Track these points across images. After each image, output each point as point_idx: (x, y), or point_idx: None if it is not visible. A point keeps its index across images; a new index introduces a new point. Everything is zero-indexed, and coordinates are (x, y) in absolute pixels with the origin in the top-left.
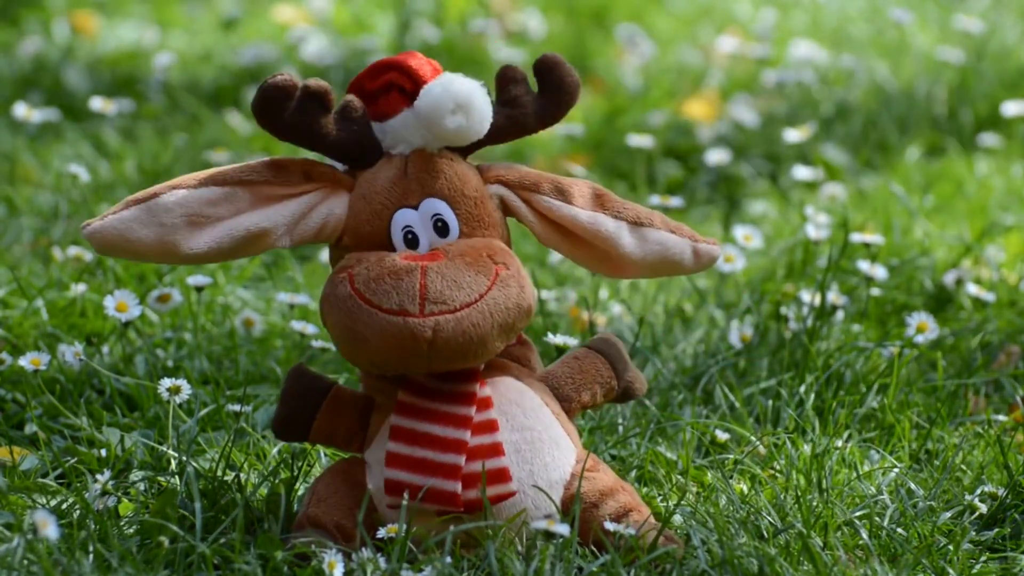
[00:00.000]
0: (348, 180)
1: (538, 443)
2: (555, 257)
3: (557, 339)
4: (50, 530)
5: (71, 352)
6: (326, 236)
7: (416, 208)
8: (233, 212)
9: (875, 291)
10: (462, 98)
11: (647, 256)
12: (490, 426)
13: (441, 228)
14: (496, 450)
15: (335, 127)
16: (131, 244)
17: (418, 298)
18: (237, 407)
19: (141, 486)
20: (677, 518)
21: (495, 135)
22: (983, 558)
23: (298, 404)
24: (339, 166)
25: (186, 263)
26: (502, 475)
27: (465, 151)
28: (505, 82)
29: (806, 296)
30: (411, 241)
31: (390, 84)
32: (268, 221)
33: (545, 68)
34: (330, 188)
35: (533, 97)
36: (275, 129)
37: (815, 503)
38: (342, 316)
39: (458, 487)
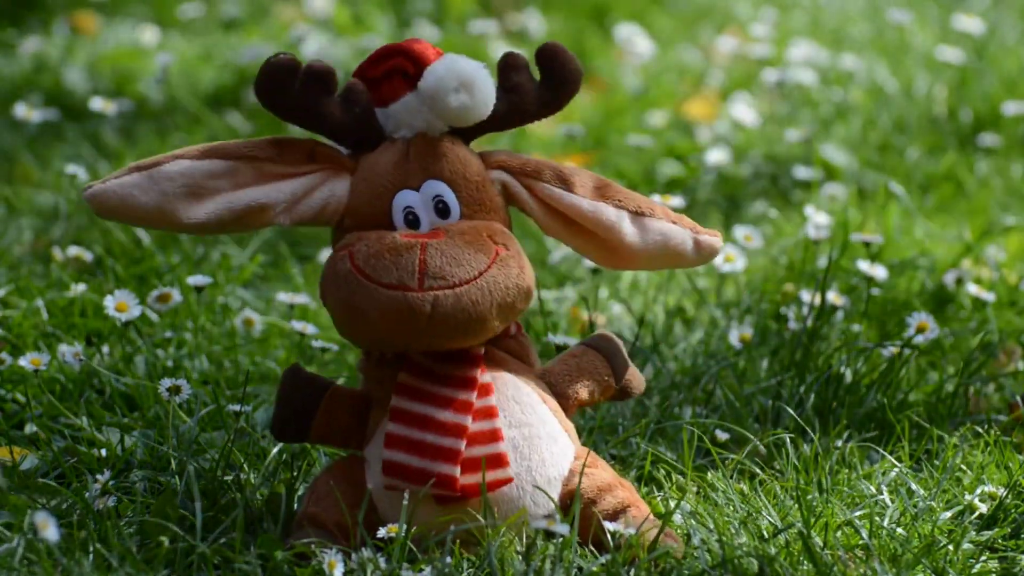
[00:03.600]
0: (350, 163)
1: (536, 439)
2: (555, 256)
3: (557, 339)
4: (50, 532)
5: (71, 352)
6: (327, 217)
7: (418, 189)
8: (234, 186)
9: (875, 291)
10: (466, 77)
11: (648, 246)
12: (490, 412)
13: (442, 210)
14: (495, 436)
15: (339, 110)
16: (130, 209)
17: (417, 273)
18: (237, 407)
19: (141, 486)
20: (677, 518)
21: (496, 121)
22: (983, 558)
23: (295, 405)
24: (342, 149)
25: (183, 232)
26: (500, 460)
27: (467, 137)
28: (507, 69)
29: (806, 296)
30: (412, 222)
31: (393, 69)
32: (268, 197)
33: (547, 56)
34: (333, 170)
35: (535, 84)
36: (278, 108)
37: (815, 503)
38: (342, 292)
39: (456, 471)
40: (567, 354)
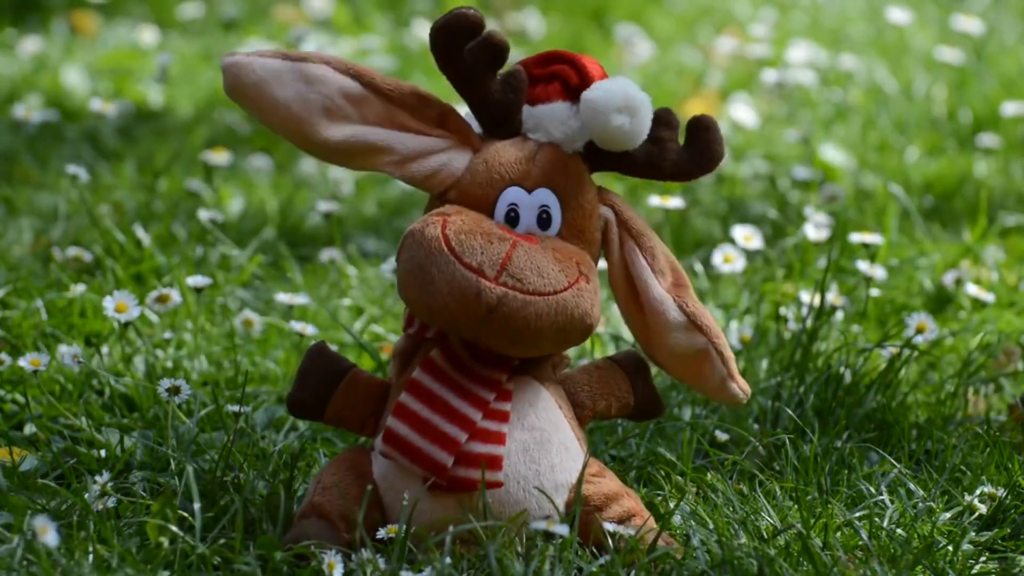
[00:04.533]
0: (477, 141)
1: (547, 444)
2: None
3: None
4: (49, 536)
5: (70, 353)
6: (434, 184)
7: (529, 192)
8: (361, 118)
9: (874, 291)
10: (632, 100)
11: (685, 356)
12: (502, 416)
13: (545, 220)
14: (499, 439)
15: (497, 87)
16: (263, 97)
17: (499, 266)
18: (236, 408)
19: (141, 487)
20: (677, 519)
21: (628, 165)
22: (982, 558)
23: (315, 383)
24: (475, 125)
25: (313, 148)
26: (495, 462)
27: (592, 167)
28: (659, 122)
29: (805, 296)
30: (512, 219)
31: (555, 75)
32: (389, 142)
33: (699, 128)
34: (458, 141)
35: (678, 148)
36: (445, 59)
37: (815, 503)
38: (421, 254)
39: (449, 461)
40: (591, 365)
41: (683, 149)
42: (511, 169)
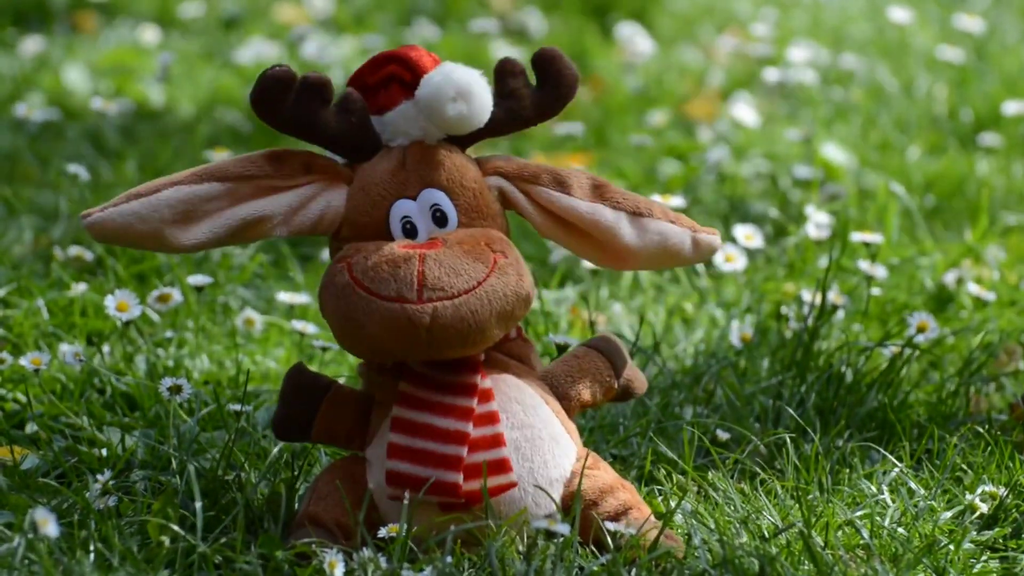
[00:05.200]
0: (347, 172)
1: (538, 441)
2: (555, 256)
3: (558, 339)
4: (50, 528)
5: (72, 352)
6: (324, 227)
7: (415, 199)
8: (231, 203)
9: (876, 290)
10: (463, 86)
11: (647, 246)
12: (491, 418)
13: (440, 218)
14: (497, 441)
15: (334, 119)
16: (129, 236)
17: (416, 285)
18: (238, 407)
19: (142, 486)
20: (678, 517)
21: (493, 127)
22: (984, 557)
23: (297, 404)
24: (338, 159)
25: (182, 252)
26: (503, 465)
27: (464, 144)
28: (503, 75)
29: (807, 295)
30: (409, 231)
31: (390, 77)
32: (265, 210)
33: (543, 61)
34: (329, 180)
35: (531, 90)
36: (274, 121)
37: (816, 502)
38: (340, 304)
39: (459, 478)
40: (568, 355)
41: (537, 90)
42: (388, 185)
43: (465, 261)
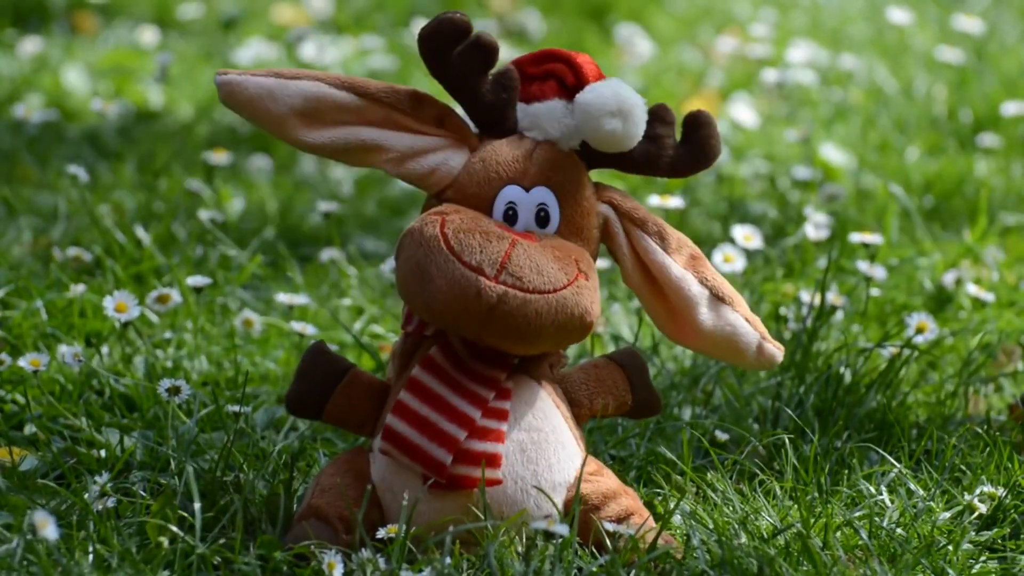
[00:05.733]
0: (474, 140)
1: (544, 444)
2: None
3: None
4: (49, 530)
5: (70, 353)
6: (432, 182)
7: (527, 190)
8: (359, 121)
9: (874, 291)
10: (626, 105)
11: (715, 332)
12: (500, 414)
13: (543, 218)
14: (497, 437)
15: (488, 88)
16: (257, 110)
17: (498, 264)
18: (236, 408)
19: (140, 487)
20: (677, 518)
21: (625, 163)
22: (982, 558)
23: (314, 381)
24: (471, 125)
25: (297, 147)
26: (494, 460)
27: (590, 164)
28: (655, 118)
29: (806, 296)
30: (510, 217)
31: (550, 73)
32: (387, 141)
33: (696, 124)
34: (456, 140)
35: (675, 144)
36: (435, 64)
37: (815, 503)
38: (420, 253)
39: (448, 458)
40: (589, 364)
41: (680, 145)
42: (508, 168)
43: (551, 264)
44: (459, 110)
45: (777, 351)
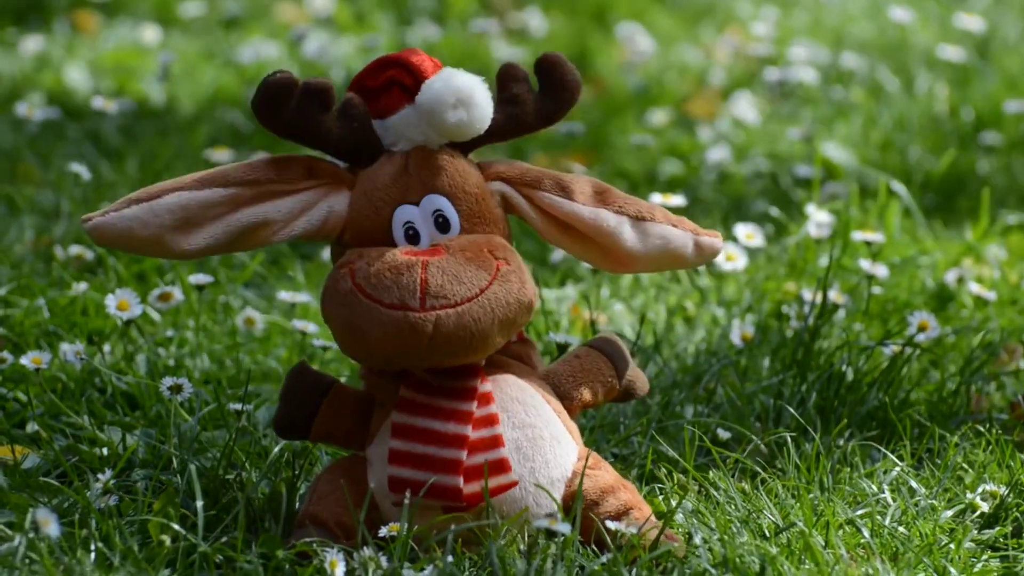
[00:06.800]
0: (349, 177)
1: (539, 440)
2: (556, 255)
3: (559, 338)
4: (51, 528)
5: (72, 351)
6: (327, 232)
7: (417, 204)
8: (232, 209)
9: (876, 289)
10: (463, 93)
11: (649, 250)
12: (490, 420)
13: (442, 224)
14: (496, 442)
15: (336, 125)
16: (130, 241)
17: (419, 292)
18: (238, 406)
19: (143, 485)
20: (679, 517)
21: (496, 133)
22: (984, 556)
23: (299, 403)
24: (340, 163)
25: (183, 259)
26: (502, 465)
27: (466, 148)
28: (506, 80)
29: (807, 294)
30: (412, 237)
31: (391, 81)
32: (267, 215)
33: (546, 67)
34: (331, 185)
35: (534, 95)
36: (276, 127)
37: (816, 502)
38: (343, 311)
39: (460, 481)
40: (570, 355)
41: (540, 95)
42: (391, 190)
43: (468, 268)
44: (323, 155)
45: (714, 239)
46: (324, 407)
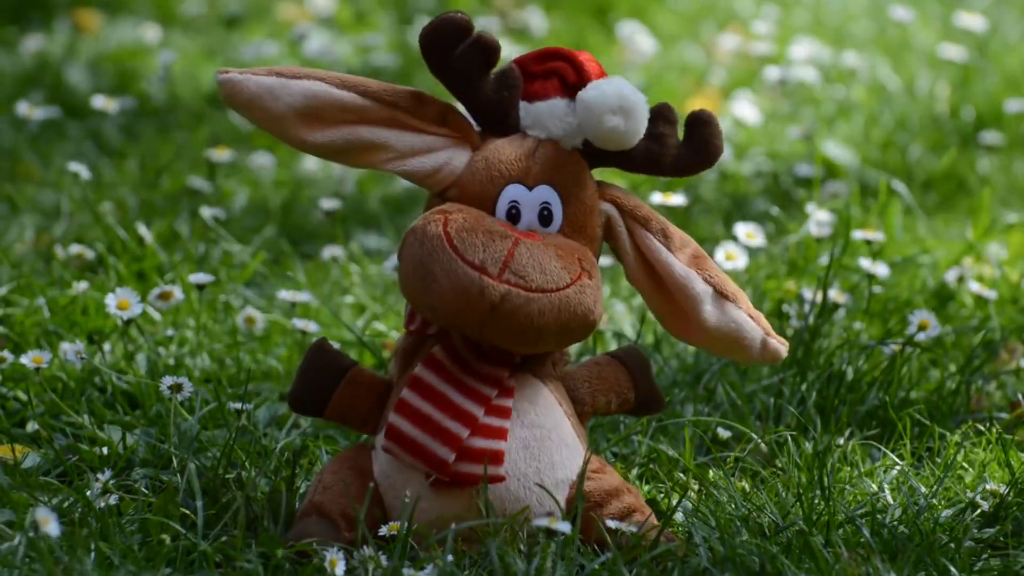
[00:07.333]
0: (477, 138)
1: (547, 441)
2: None
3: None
4: (51, 527)
5: (73, 350)
6: (434, 181)
7: (530, 189)
8: (361, 120)
9: (877, 288)
10: (628, 102)
11: (720, 329)
12: (503, 412)
13: (546, 217)
14: (500, 434)
15: (491, 87)
16: (257, 108)
17: (501, 263)
18: (239, 405)
19: (143, 484)
20: (679, 516)
21: (627, 162)
22: (984, 556)
23: (316, 379)
24: (473, 122)
25: (297, 148)
26: (496, 457)
27: (592, 162)
28: (657, 117)
29: (808, 293)
30: (513, 216)
31: (553, 71)
32: (388, 141)
33: (698, 123)
34: (459, 139)
35: (677, 143)
36: (436, 64)
37: (817, 501)
38: (422, 252)
39: (451, 456)
40: (591, 361)
41: (682, 144)
42: (511, 167)
43: (554, 263)
44: (461, 108)
45: (781, 346)
46: (342, 387)
